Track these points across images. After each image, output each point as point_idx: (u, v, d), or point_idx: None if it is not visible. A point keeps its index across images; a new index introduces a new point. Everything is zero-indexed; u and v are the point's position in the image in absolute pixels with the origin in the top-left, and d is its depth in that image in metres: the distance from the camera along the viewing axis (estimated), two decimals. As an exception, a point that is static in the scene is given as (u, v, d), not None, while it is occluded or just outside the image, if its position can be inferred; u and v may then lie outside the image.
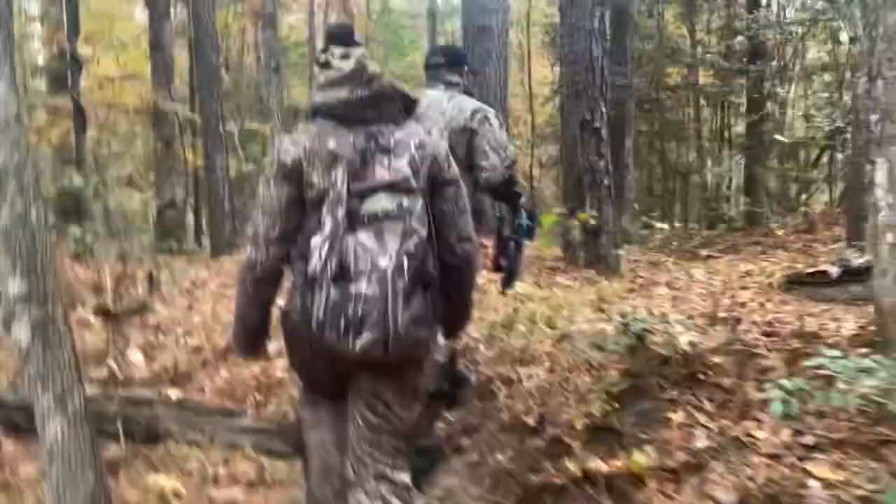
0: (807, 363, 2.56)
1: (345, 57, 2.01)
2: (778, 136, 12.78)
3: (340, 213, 1.87)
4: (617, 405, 2.89)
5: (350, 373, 2.03)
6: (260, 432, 3.36)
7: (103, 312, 4.15)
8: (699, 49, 13.17)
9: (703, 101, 14.20)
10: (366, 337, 1.82)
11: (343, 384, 2.08)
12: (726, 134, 15.01)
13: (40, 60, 14.69)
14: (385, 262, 1.84)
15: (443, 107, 3.15)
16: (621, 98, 8.63)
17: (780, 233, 10.74)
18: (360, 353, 1.84)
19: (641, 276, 6.65)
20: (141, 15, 14.71)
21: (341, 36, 2.07)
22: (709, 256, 9.77)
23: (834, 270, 6.07)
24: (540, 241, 5.67)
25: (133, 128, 16.22)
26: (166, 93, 12.96)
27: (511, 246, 3.37)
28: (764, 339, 3.24)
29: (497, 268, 3.48)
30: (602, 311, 4.95)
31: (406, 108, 2.07)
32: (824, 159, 14.71)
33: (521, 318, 4.52)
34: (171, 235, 13.08)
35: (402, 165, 1.95)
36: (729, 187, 12.84)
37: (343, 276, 1.84)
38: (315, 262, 1.85)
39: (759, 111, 13.47)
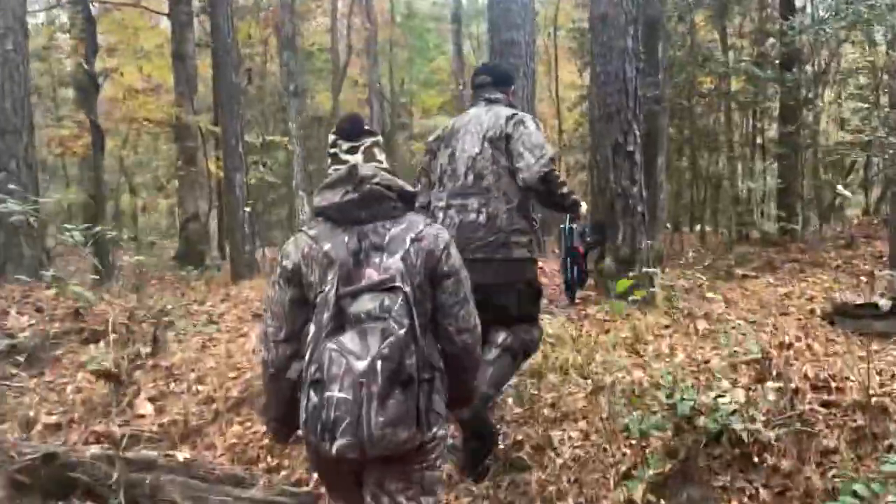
0: (882, 468, 2.25)
1: (351, 151, 2.13)
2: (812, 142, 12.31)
3: (325, 316, 1.92)
4: (662, 492, 2.61)
5: (357, 469, 2.04)
6: (271, 504, 3.14)
7: (105, 375, 3.93)
8: (731, 55, 12.75)
9: (734, 107, 13.77)
10: (340, 441, 1.85)
11: (356, 480, 2.09)
12: (759, 140, 14.57)
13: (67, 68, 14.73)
14: (361, 366, 1.85)
15: (481, 119, 3.21)
16: (653, 110, 8.30)
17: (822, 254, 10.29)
18: (337, 457, 1.88)
19: (676, 307, 6.33)
20: (165, 24, 14.61)
21: (348, 130, 2.17)
22: (744, 276, 9.41)
23: (884, 303, 5.70)
24: (610, 304, 5.14)
25: (155, 140, 16.19)
26: (189, 105, 12.88)
27: (568, 259, 3.33)
28: (822, 410, 2.94)
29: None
30: (638, 353, 4.65)
31: (404, 201, 2.10)
32: (859, 165, 14.20)
33: (552, 365, 4.25)
34: (194, 248, 13.04)
35: (392, 263, 1.98)
36: (763, 199, 12.40)
37: (319, 380, 1.89)
38: (302, 366, 1.97)
39: (794, 118, 13.04)
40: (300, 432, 2.02)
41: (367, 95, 18.72)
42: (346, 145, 2.16)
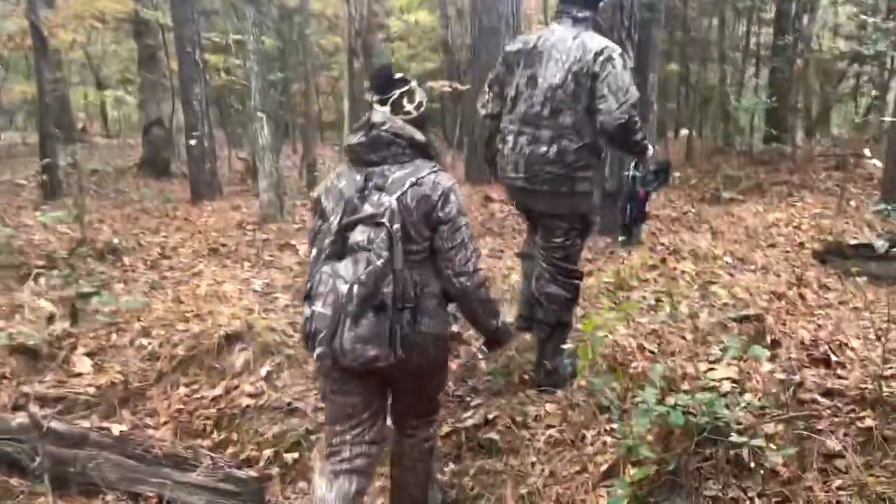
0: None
1: (382, 103, 2.33)
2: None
3: (327, 242, 2.19)
4: (646, 502, 2.33)
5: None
6: (216, 493, 2.83)
7: (20, 351, 3.53)
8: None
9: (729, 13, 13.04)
10: (318, 350, 2.14)
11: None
12: (753, 49, 13.92)
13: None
14: (344, 288, 2.09)
15: (567, 45, 3.04)
16: (645, 19, 7.65)
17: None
18: (317, 360, 2.20)
19: (662, 243, 6.00)
20: None
21: (378, 85, 2.37)
22: (731, 200, 9.10)
23: (881, 244, 5.40)
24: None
25: (115, 32, 15.08)
26: (147, -1, 11.87)
27: (630, 199, 3.44)
28: (824, 401, 2.64)
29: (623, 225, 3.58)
30: (621, 305, 4.33)
31: (413, 148, 2.26)
32: (851, 74, 13.67)
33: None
34: (158, 154, 12.37)
35: (387, 201, 2.14)
36: (753, 115, 11.89)
37: (310, 296, 2.20)
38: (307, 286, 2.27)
39: (789, 25, 12.40)
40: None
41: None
42: (377, 97, 2.35)
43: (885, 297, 4.77)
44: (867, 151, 9.48)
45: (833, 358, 3.18)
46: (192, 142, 7.52)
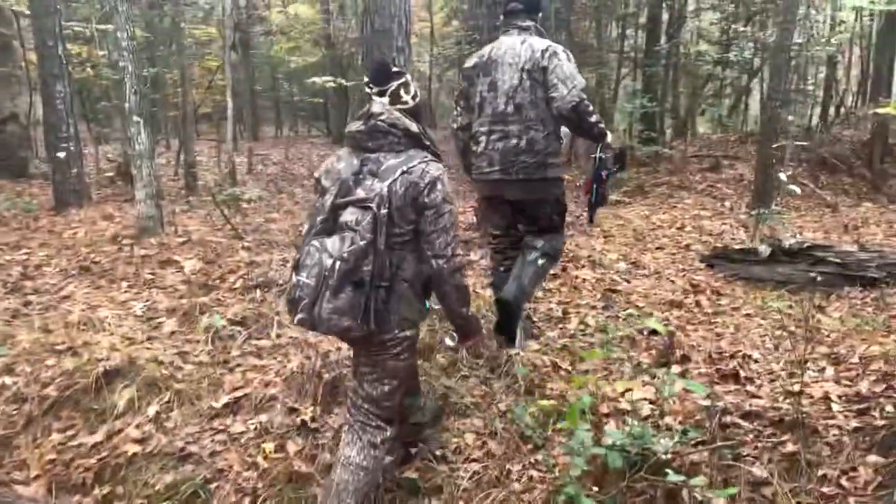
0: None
1: (380, 94, 2.50)
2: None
3: (319, 218, 2.36)
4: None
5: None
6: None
7: None
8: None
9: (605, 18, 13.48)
10: (299, 316, 2.31)
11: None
12: (628, 51, 14.46)
13: None
14: (328, 263, 2.25)
15: (516, 50, 3.41)
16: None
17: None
18: (297, 325, 2.37)
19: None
20: None
21: (376, 77, 2.52)
22: (617, 202, 9.37)
23: (763, 249, 5.66)
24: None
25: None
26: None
27: (594, 179, 3.67)
28: (746, 424, 2.65)
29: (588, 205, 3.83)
30: (530, 318, 4.27)
31: (409, 138, 2.42)
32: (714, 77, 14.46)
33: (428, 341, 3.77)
34: (14, 154, 11.24)
35: (378, 187, 2.31)
36: (631, 118, 12.34)
37: (297, 266, 2.35)
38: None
39: (659, 29, 12.98)
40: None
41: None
42: (376, 89, 2.51)
43: (771, 300, 5.02)
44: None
45: (742, 373, 3.24)
46: (61, 154, 6.80)
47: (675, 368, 3.36)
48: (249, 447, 2.98)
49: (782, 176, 6.60)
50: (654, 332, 4.01)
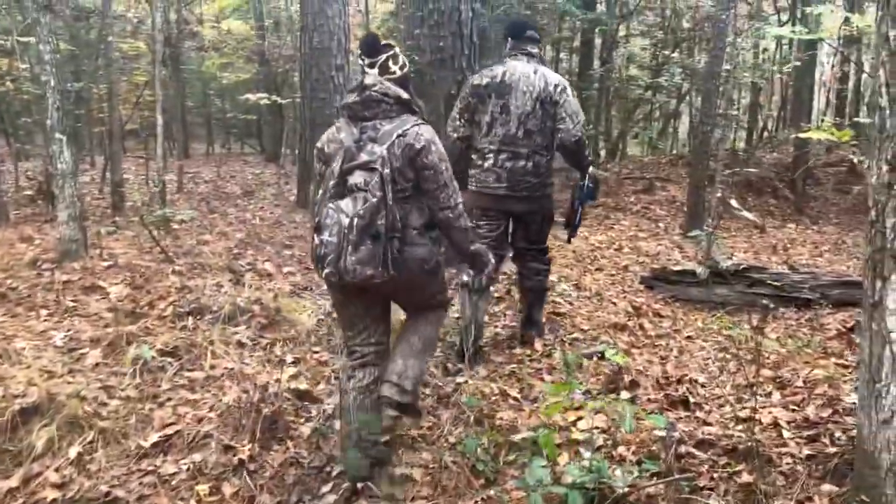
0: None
1: (371, 66, 2.70)
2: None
3: (331, 184, 2.62)
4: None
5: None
6: None
7: None
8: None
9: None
10: (326, 270, 2.57)
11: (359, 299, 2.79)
12: (563, 76, 14.69)
13: None
14: (345, 221, 2.52)
15: (531, 80, 3.80)
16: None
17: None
18: (325, 280, 2.67)
19: (504, 273, 5.97)
20: None
21: (367, 49, 2.73)
22: (555, 222, 9.43)
23: (702, 271, 5.74)
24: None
25: None
26: None
27: (576, 205, 4.18)
28: (700, 454, 2.61)
29: (567, 226, 4.32)
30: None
31: (400, 104, 2.66)
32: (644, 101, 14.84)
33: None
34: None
35: (378, 150, 2.57)
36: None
37: (318, 229, 2.62)
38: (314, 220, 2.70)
39: (591, 54, 13.27)
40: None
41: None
42: (367, 61, 2.71)
43: (711, 322, 5.09)
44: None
45: (691, 399, 3.22)
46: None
47: (625, 394, 3.32)
48: (181, 490, 2.77)
49: (733, 202, 6.77)
50: (601, 356, 3.99)
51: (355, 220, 2.51)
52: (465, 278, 3.78)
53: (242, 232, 6.33)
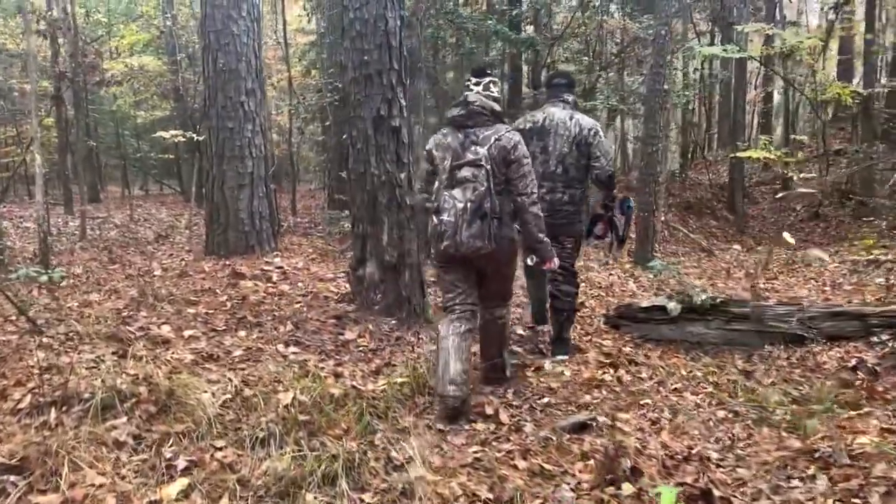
0: None
1: (477, 83, 3.60)
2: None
3: (444, 177, 3.47)
4: None
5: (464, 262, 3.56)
6: None
7: None
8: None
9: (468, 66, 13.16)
10: (445, 243, 3.40)
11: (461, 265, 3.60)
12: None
13: None
14: (460, 205, 3.37)
15: (567, 126, 4.46)
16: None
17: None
18: (444, 252, 3.46)
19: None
20: None
21: (477, 72, 3.65)
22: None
23: (673, 307, 5.08)
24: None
25: None
26: None
27: (615, 220, 4.68)
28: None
29: (600, 236, 4.83)
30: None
31: (494, 116, 3.52)
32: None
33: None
34: None
35: (481, 151, 3.40)
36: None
37: (438, 211, 3.46)
38: (431, 205, 3.54)
39: (520, 80, 12.83)
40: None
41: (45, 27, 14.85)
42: (474, 80, 3.61)
43: (695, 368, 4.41)
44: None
45: (714, 490, 2.47)
46: None
47: (627, 487, 2.55)
48: None
49: (788, 237, 6.35)
50: (582, 426, 3.23)
51: (468, 204, 3.33)
52: (530, 262, 4.00)
53: (138, 287, 5.33)
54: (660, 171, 9.04)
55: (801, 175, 11.88)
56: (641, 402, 3.66)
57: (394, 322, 4.67)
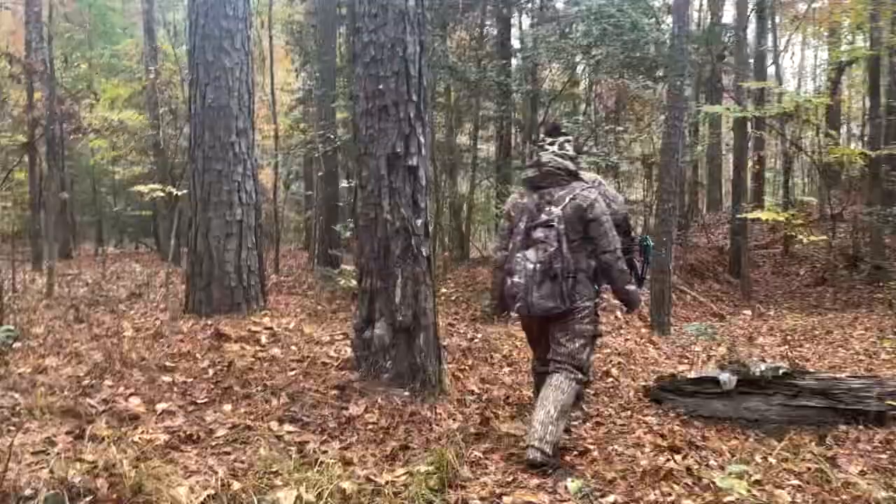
0: None
1: (552, 143, 3.64)
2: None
3: (519, 238, 3.52)
4: None
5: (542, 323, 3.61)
6: None
7: None
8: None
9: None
10: (517, 304, 3.46)
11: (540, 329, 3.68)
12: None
13: None
14: (530, 266, 3.41)
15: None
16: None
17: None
18: (516, 312, 3.56)
19: (471, 391, 4.46)
20: None
21: (550, 132, 3.71)
22: (507, 316, 8.11)
23: (725, 378, 4.43)
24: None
25: None
26: None
27: (634, 262, 4.33)
28: None
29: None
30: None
31: (569, 175, 3.59)
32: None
33: None
34: None
35: (555, 210, 3.46)
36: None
37: (510, 273, 3.49)
38: (507, 266, 3.56)
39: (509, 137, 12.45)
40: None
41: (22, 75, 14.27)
42: (548, 140, 3.66)
43: (762, 451, 3.73)
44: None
45: None
46: None
47: None
48: None
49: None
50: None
51: (538, 265, 3.39)
52: (619, 315, 4.13)
53: (103, 351, 4.56)
54: (672, 231, 8.50)
55: (811, 238, 11.49)
56: (726, 501, 2.96)
57: (406, 394, 3.95)
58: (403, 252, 3.97)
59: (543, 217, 3.42)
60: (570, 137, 3.67)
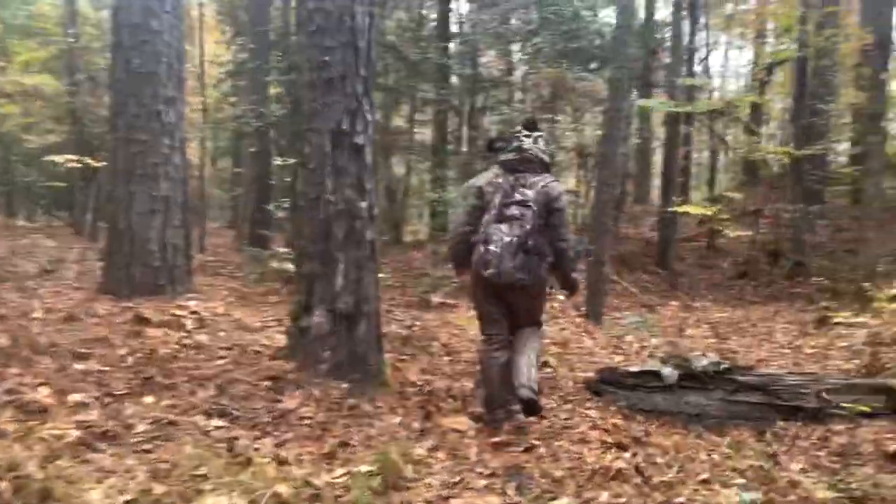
0: None
1: (527, 136, 3.94)
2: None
3: (493, 213, 3.74)
4: None
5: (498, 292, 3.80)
6: None
7: None
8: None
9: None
10: (489, 271, 3.64)
11: (495, 296, 3.83)
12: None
13: None
14: (507, 238, 3.65)
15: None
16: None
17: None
18: (486, 279, 3.68)
19: (413, 382, 4.28)
20: None
21: (528, 126, 4.01)
22: (443, 304, 7.97)
23: (668, 372, 4.41)
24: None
25: None
26: None
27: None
28: None
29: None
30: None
31: (542, 165, 3.90)
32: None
33: None
34: None
35: (529, 193, 3.73)
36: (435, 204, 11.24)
37: (485, 242, 3.70)
38: (479, 236, 3.75)
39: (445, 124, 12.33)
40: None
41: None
42: (524, 132, 3.96)
43: (703, 447, 3.71)
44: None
45: None
46: None
47: None
48: None
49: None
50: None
51: (514, 239, 3.65)
52: (561, 297, 4.33)
53: (9, 334, 4.16)
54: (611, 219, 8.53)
55: (736, 233, 11.80)
56: (675, 502, 2.90)
57: (345, 386, 3.73)
58: (346, 235, 3.74)
59: (518, 196, 3.69)
60: (544, 134, 4.02)
